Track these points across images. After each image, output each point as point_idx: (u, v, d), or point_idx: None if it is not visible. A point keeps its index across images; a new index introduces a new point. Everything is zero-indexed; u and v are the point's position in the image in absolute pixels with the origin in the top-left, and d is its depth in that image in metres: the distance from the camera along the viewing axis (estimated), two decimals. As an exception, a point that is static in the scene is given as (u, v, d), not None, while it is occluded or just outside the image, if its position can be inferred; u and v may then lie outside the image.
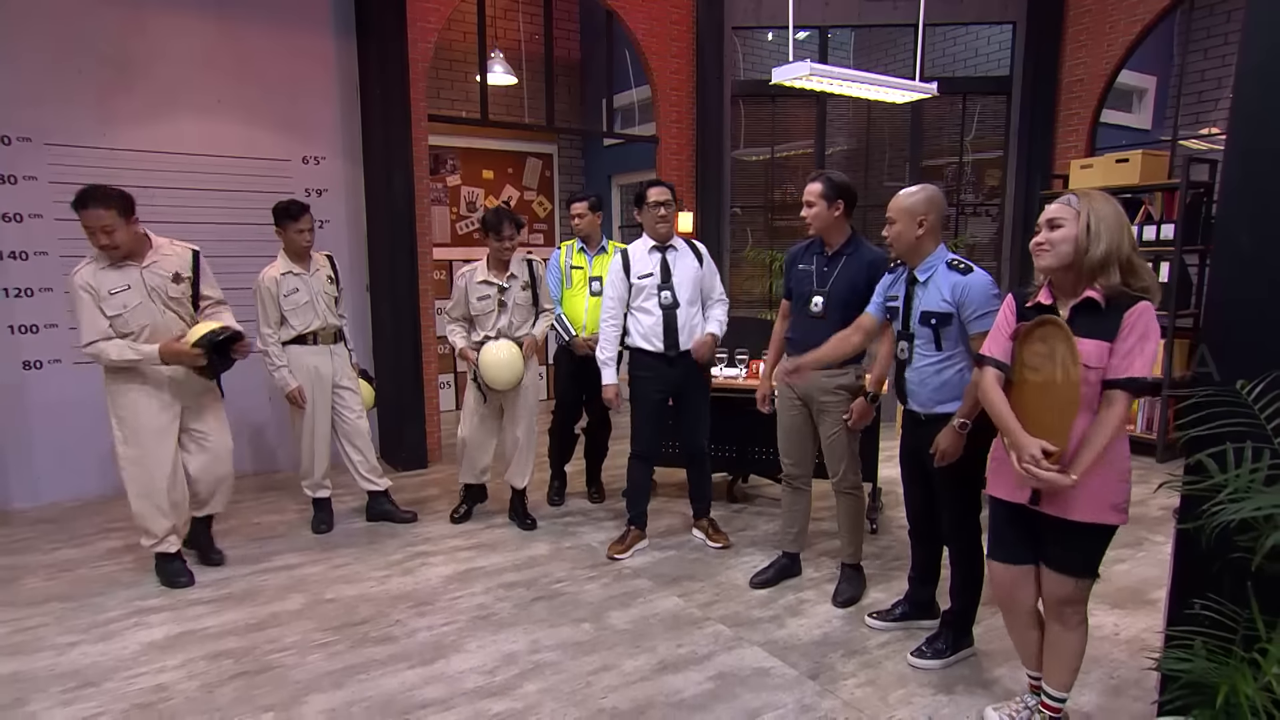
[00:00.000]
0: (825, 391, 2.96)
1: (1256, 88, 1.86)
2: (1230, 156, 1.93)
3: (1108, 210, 1.94)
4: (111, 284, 3.03)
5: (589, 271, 4.07)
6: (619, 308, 3.48)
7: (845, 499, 3.07)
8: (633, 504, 3.61)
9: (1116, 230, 1.92)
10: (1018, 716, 2.25)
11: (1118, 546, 3.61)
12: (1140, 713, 2.29)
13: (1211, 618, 1.85)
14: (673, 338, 3.42)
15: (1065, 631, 2.09)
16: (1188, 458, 1.92)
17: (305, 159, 4.77)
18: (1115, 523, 2.02)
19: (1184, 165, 4.93)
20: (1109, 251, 1.90)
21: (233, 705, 2.38)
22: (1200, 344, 1.96)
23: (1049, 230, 1.98)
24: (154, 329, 3.10)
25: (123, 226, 3.00)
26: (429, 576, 3.32)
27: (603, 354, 3.50)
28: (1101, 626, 2.86)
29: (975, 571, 2.59)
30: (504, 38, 6.66)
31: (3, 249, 4.03)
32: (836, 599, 3.07)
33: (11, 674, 2.58)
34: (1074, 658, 2.11)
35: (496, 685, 2.48)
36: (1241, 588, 1.77)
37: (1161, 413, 5.06)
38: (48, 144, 4.06)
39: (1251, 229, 1.87)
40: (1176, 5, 5.37)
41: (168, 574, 3.25)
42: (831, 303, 2.93)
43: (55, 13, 4.01)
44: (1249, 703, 1.60)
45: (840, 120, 6.95)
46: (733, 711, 2.34)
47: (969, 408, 2.37)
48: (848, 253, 2.95)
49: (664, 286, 3.41)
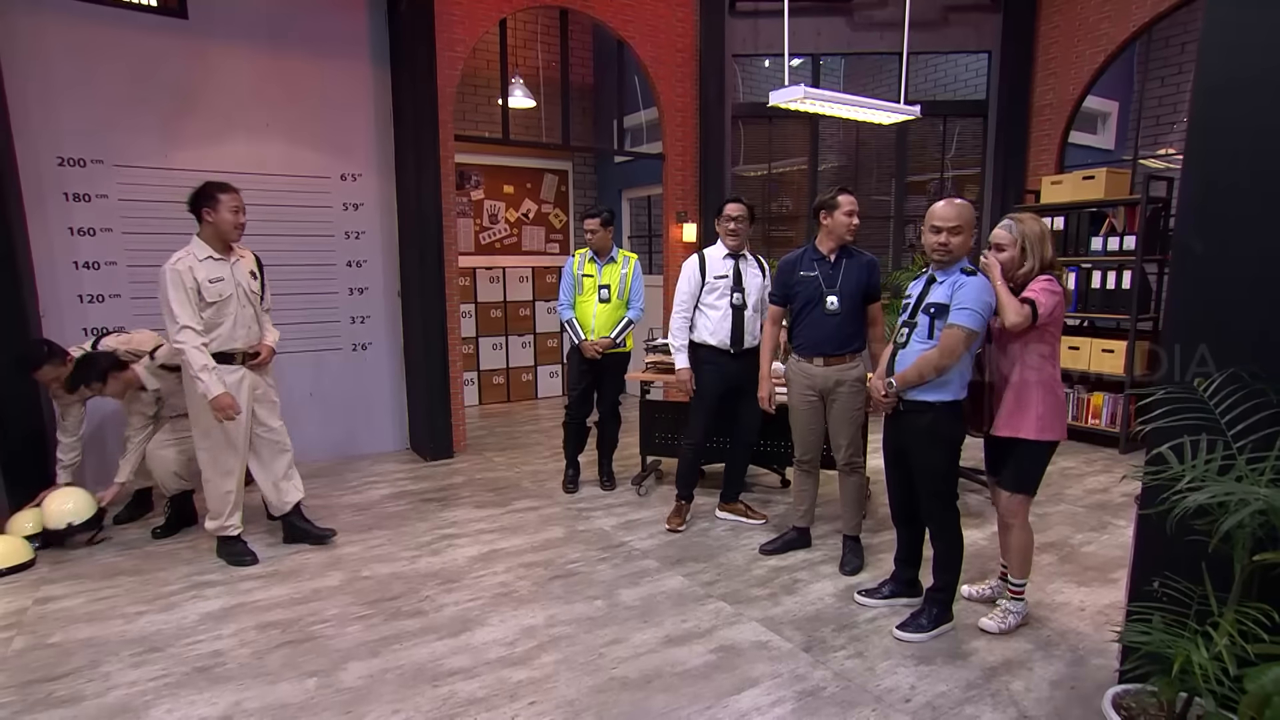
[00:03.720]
0: (840, 383, 3.07)
1: (1210, 109, 1.87)
2: (1187, 173, 1.93)
3: (1035, 229, 2.47)
4: (210, 274, 3.06)
5: (599, 280, 4.05)
6: (690, 302, 3.55)
7: (849, 477, 3.15)
8: (683, 486, 3.73)
9: (1044, 246, 2.47)
10: (983, 592, 2.87)
11: (1084, 530, 3.61)
12: (1103, 680, 2.29)
13: (1169, 594, 1.86)
14: (739, 335, 3.47)
15: (1008, 534, 2.64)
16: (1149, 450, 1.93)
17: (344, 176, 4.80)
18: (1034, 437, 2.46)
19: (1144, 182, 4.91)
20: (1036, 265, 2.46)
21: (280, 670, 2.41)
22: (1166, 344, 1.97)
23: (996, 252, 2.50)
24: (238, 319, 3.13)
25: None
26: (455, 557, 3.34)
27: (675, 341, 3.59)
28: (1069, 602, 2.86)
29: (955, 550, 2.59)
30: (524, 65, 6.68)
31: (78, 259, 4.07)
32: (844, 568, 3.13)
33: (88, 639, 2.62)
34: (1020, 553, 2.62)
35: (517, 656, 2.50)
36: (1196, 567, 1.78)
37: (1124, 408, 5.04)
38: (116, 165, 4.10)
39: (1205, 239, 1.88)
40: (1136, 37, 5.35)
41: (232, 554, 3.26)
42: (844, 300, 3.03)
43: (126, 47, 4.05)
44: (1201, 671, 1.61)
45: (832, 139, 6.94)
46: (733, 680, 2.35)
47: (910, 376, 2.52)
48: (847, 256, 3.07)
49: (736, 289, 3.46)
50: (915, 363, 2.48)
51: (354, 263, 4.89)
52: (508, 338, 7.11)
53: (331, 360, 4.87)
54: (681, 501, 3.73)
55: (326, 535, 3.48)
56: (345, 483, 4.43)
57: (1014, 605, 2.67)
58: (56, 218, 3.99)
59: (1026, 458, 2.51)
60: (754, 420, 3.61)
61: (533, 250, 7.25)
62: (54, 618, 2.77)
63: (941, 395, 2.48)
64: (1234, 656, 1.60)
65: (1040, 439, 2.47)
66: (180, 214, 4.28)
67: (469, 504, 4.07)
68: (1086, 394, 5.27)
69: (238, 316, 3.13)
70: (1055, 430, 2.49)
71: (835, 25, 5.99)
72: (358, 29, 4.71)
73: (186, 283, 2.98)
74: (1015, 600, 2.68)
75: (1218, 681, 1.60)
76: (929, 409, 2.50)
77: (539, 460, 4.99)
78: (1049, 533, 3.56)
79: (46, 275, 3.98)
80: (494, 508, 4.02)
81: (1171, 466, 1.74)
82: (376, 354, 5.04)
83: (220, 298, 3.07)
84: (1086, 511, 3.89)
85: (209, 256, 3.07)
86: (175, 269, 2.98)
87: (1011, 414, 2.49)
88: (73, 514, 3.37)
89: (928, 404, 2.50)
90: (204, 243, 3.08)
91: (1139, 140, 5.93)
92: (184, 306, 2.98)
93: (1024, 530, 2.60)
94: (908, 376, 2.49)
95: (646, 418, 4.41)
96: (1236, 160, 1.81)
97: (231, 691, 2.29)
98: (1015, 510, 2.58)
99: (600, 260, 4.09)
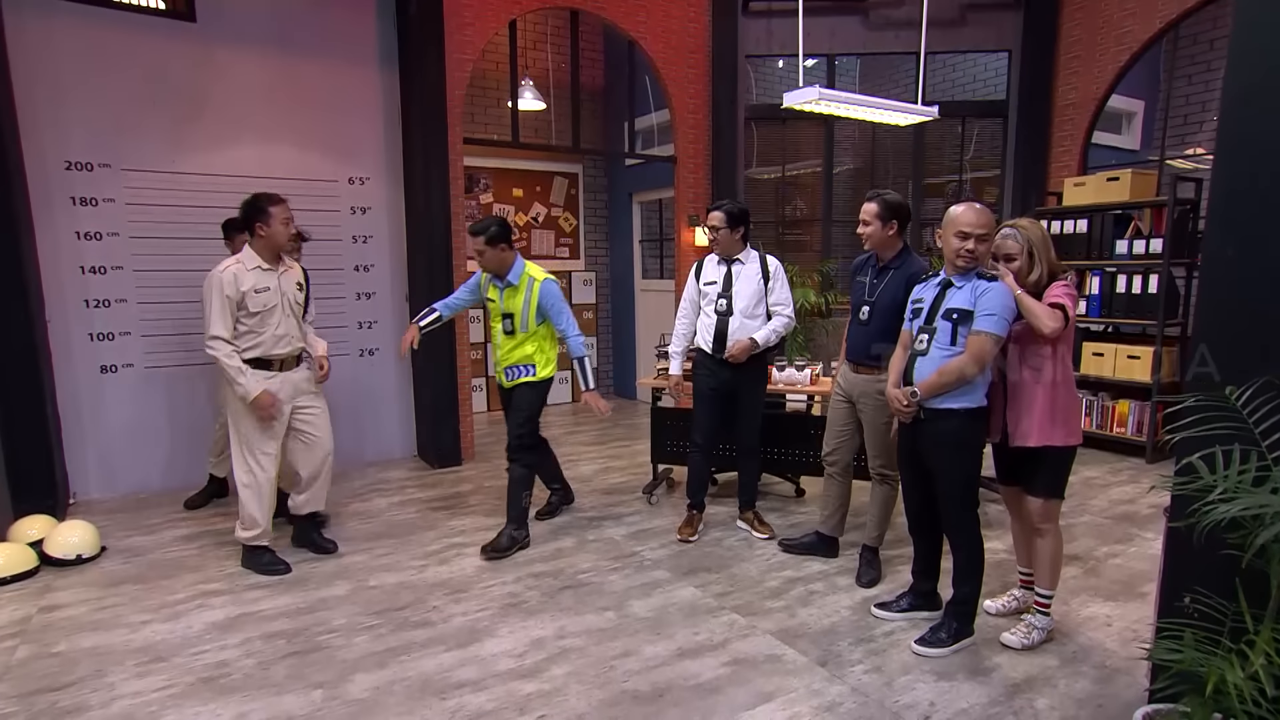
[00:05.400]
0: (867, 394, 3.06)
1: (1242, 110, 1.84)
2: (1218, 173, 1.90)
3: (1039, 234, 2.50)
4: (256, 283, 3.12)
5: (500, 306, 3.55)
6: (689, 308, 3.62)
7: (878, 485, 3.15)
8: (693, 492, 3.71)
9: (1048, 250, 2.49)
10: (1009, 605, 2.85)
11: (1110, 541, 3.56)
12: (1132, 699, 2.25)
13: (1201, 610, 1.83)
14: (720, 341, 3.48)
15: (1040, 540, 2.59)
16: (1178, 459, 1.89)
17: (351, 180, 4.83)
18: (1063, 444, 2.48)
19: (1171, 183, 4.85)
20: (1046, 271, 2.48)
21: (286, 681, 2.41)
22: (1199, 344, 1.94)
23: (1005, 262, 2.50)
24: (281, 328, 3.20)
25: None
26: (463, 566, 3.34)
27: (673, 347, 3.65)
28: (1094, 617, 2.82)
29: (976, 562, 2.56)
30: (534, 66, 6.71)
31: (84, 264, 4.12)
32: (860, 579, 3.11)
33: (93, 647, 2.63)
34: (1051, 561, 2.58)
35: (526, 668, 2.49)
36: (1229, 582, 1.74)
37: (1151, 416, 4.97)
38: (124, 169, 4.15)
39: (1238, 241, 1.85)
40: (1163, 34, 5.30)
41: (261, 564, 3.26)
42: (875, 313, 3.00)
43: (135, 51, 4.10)
44: (1236, 692, 1.58)
45: (846, 141, 6.92)
46: (746, 694, 2.33)
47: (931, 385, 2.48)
48: (894, 267, 3.00)
49: (723, 295, 3.48)
50: (939, 371, 2.44)
51: (361, 267, 4.92)
52: (517, 343, 7.12)
53: (338, 366, 4.89)
54: (693, 511, 3.71)
55: (330, 547, 3.50)
56: (352, 490, 4.44)
57: (1039, 620, 2.63)
58: (63, 222, 4.04)
59: (1057, 462, 2.53)
60: (752, 425, 3.61)
61: (542, 254, 7.27)
62: (58, 626, 2.79)
63: (966, 402, 2.46)
64: (1271, 676, 1.56)
65: (1068, 444, 2.51)
66: (187, 218, 4.36)
67: (478, 512, 4.07)
68: (1111, 401, 5.21)
69: (281, 326, 3.21)
70: (1079, 433, 2.55)
71: (850, 25, 5.98)
72: (366, 32, 4.75)
73: (229, 291, 3.07)
74: (1041, 614, 2.63)
75: (1254, 703, 1.56)
76: (952, 416, 2.47)
77: (548, 468, 4.99)
78: (1074, 544, 3.52)
79: (52, 279, 4.03)
80: (502, 516, 3.99)
81: (1202, 477, 1.71)
82: (383, 359, 5.06)
83: (264, 307, 3.15)
84: (1112, 523, 3.84)
85: (257, 266, 3.15)
86: (221, 277, 3.08)
87: (1044, 423, 2.48)
88: (79, 546, 3.39)
89: (951, 411, 2.47)
90: (255, 253, 3.18)
91: (1165, 140, 5.86)
92: (221, 316, 3.07)
93: (1056, 536, 2.60)
94: (932, 384, 2.47)
95: (657, 425, 4.39)
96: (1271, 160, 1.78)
97: (237, 703, 2.29)
98: (1049, 515, 2.57)
99: (500, 284, 3.54)
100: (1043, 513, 2.56)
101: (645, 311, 7.28)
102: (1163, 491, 1.90)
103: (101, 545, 3.50)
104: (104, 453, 4.27)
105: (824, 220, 6.44)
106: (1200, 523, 1.62)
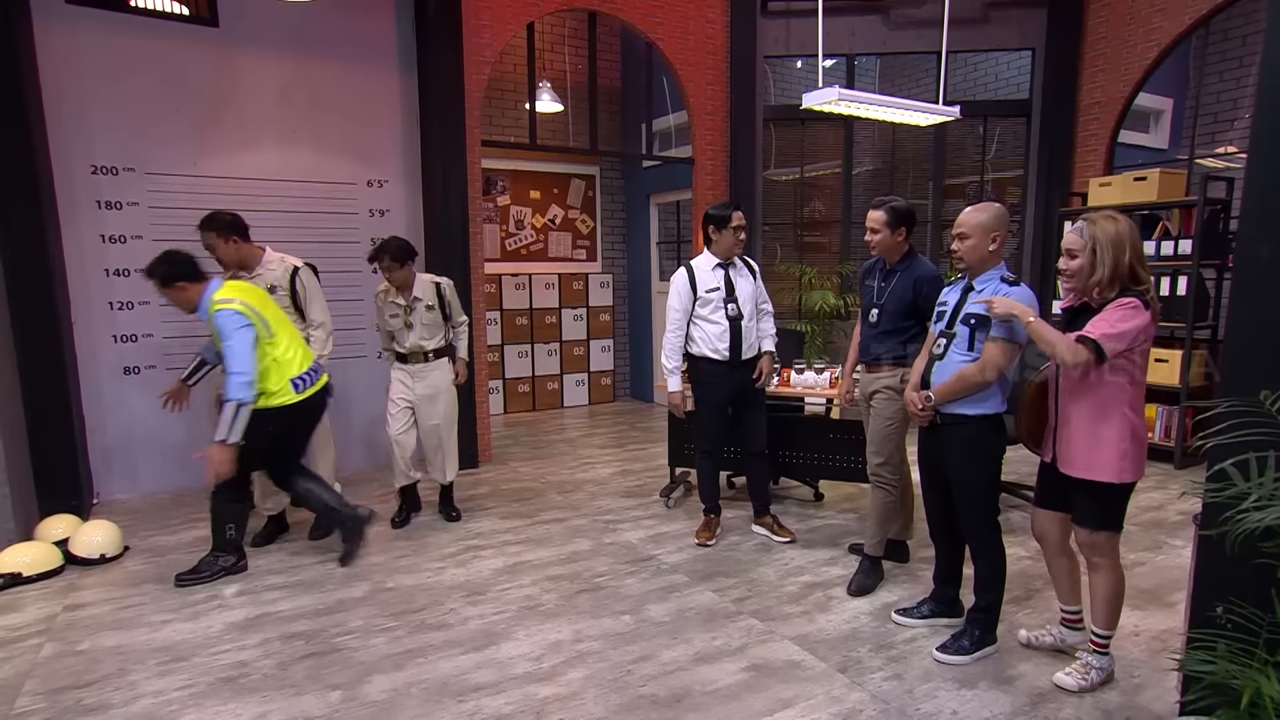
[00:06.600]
0: (872, 391, 3.06)
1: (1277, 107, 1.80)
2: (1252, 170, 1.87)
3: (1109, 231, 2.16)
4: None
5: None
6: (684, 319, 3.52)
7: (875, 491, 3.10)
8: (706, 497, 3.70)
9: (1119, 251, 2.15)
10: (1042, 639, 2.59)
11: (1138, 549, 3.50)
12: (1161, 711, 2.21)
13: (1234, 620, 1.79)
14: (738, 346, 3.47)
15: (1094, 575, 2.32)
16: (1210, 466, 1.86)
17: (370, 182, 4.88)
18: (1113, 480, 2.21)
19: (1201, 183, 4.77)
20: (1107, 274, 2.17)
21: (304, 682, 2.43)
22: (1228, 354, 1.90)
23: (1069, 259, 2.25)
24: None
25: (220, 245, 3.43)
26: (480, 569, 3.36)
27: (668, 363, 3.55)
28: (1122, 626, 2.76)
29: (998, 569, 2.53)
30: (551, 69, 6.75)
31: (108, 267, 4.20)
32: (849, 586, 3.08)
33: (115, 646, 2.68)
34: (1105, 599, 2.31)
35: (543, 671, 2.49)
36: (1264, 593, 1.71)
37: (1179, 421, 4.88)
38: (148, 173, 4.23)
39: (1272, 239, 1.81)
40: (1192, 30, 5.22)
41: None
42: (884, 315, 3.03)
43: (159, 56, 4.18)
44: (1274, 704, 1.55)
45: (866, 142, 6.88)
46: (765, 701, 2.32)
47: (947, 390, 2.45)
48: (901, 269, 3.03)
49: (730, 300, 3.46)
50: (954, 376, 2.43)
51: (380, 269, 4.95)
52: (533, 345, 7.16)
53: (356, 368, 4.94)
54: (710, 516, 3.70)
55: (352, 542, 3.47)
56: (369, 491, 4.48)
57: (1098, 660, 2.36)
58: (89, 225, 4.13)
59: (1105, 497, 2.24)
60: (759, 427, 3.61)
61: (559, 257, 7.30)
62: (83, 624, 2.84)
63: (982, 409, 2.43)
64: (1307, 689, 1.53)
65: (1119, 481, 2.21)
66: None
67: (494, 515, 4.09)
68: (1139, 406, 5.12)
69: None
70: (1135, 471, 2.21)
71: (870, 24, 5.95)
72: (385, 35, 4.80)
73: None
74: (1099, 654, 2.36)
75: (1289, 715, 1.53)
76: (968, 422, 2.45)
77: (565, 471, 5.01)
78: (1100, 552, 3.46)
79: (78, 282, 4.11)
80: (519, 519, 4.03)
81: (1235, 484, 1.68)
82: (402, 362, 5.09)
83: None
84: (1140, 530, 3.77)
85: None
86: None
87: (1084, 451, 2.24)
88: (103, 545, 3.46)
89: (966, 417, 2.45)
90: None
91: (1195, 139, 5.77)
92: None
93: (1114, 570, 2.29)
94: (945, 390, 2.44)
95: (675, 429, 4.39)
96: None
97: (256, 703, 2.32)
98: (1101, 548, 2.28)
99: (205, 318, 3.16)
100: (1090, 544, 2.28)
101: (662, 314, 7.23)
102: (1193, 498, 1.86)
103: (124, 545, 3.56)
104: (127, 453, 4.34)
105: (843, 222, 6.40)
106: (1233, 531, 1.59)
